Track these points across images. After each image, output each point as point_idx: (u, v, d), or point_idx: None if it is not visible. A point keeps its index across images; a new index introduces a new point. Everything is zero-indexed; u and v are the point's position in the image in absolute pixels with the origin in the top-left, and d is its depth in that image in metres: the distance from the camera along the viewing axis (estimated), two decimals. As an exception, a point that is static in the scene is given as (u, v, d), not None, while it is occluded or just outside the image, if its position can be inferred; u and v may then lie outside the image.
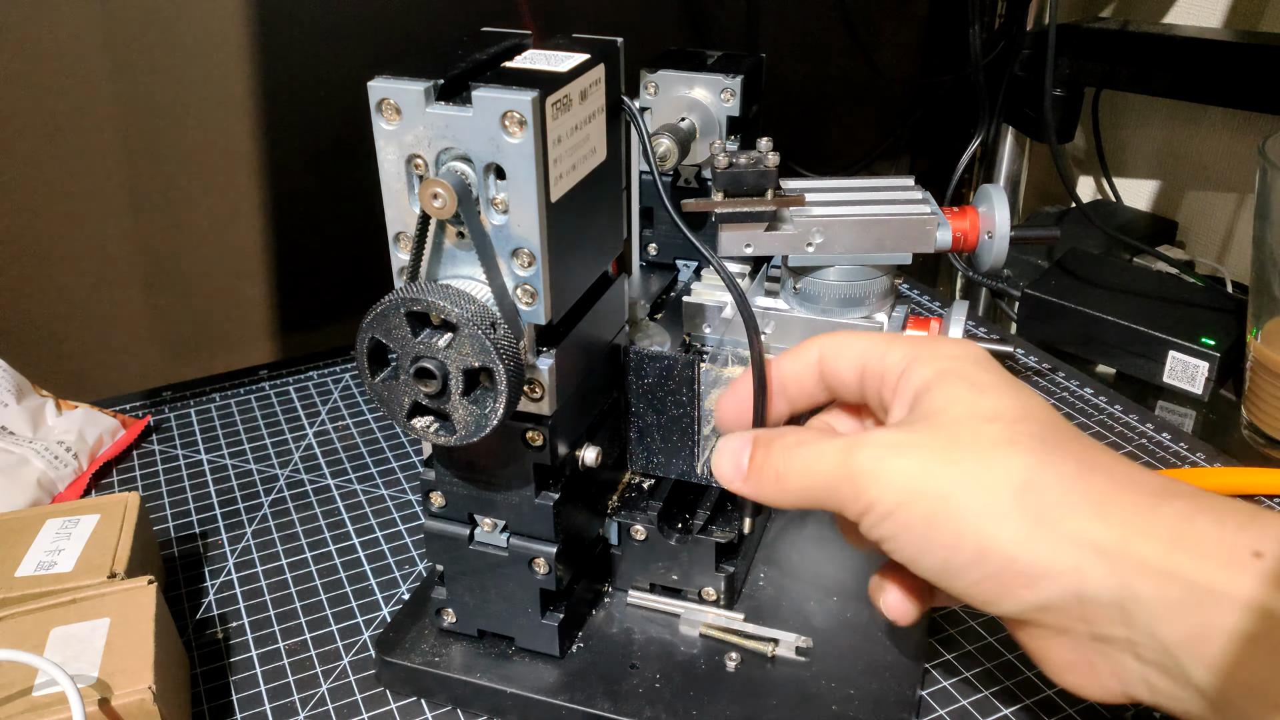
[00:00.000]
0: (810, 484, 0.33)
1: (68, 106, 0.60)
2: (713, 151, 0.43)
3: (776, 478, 0.34)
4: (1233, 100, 0.75)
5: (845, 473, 0.32)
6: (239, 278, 0.69)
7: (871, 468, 0.31)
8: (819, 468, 0.33)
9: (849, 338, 0.36)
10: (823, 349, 0.36)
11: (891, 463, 0.31)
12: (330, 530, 0.51)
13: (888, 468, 0.31)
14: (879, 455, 0.31)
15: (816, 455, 0.33)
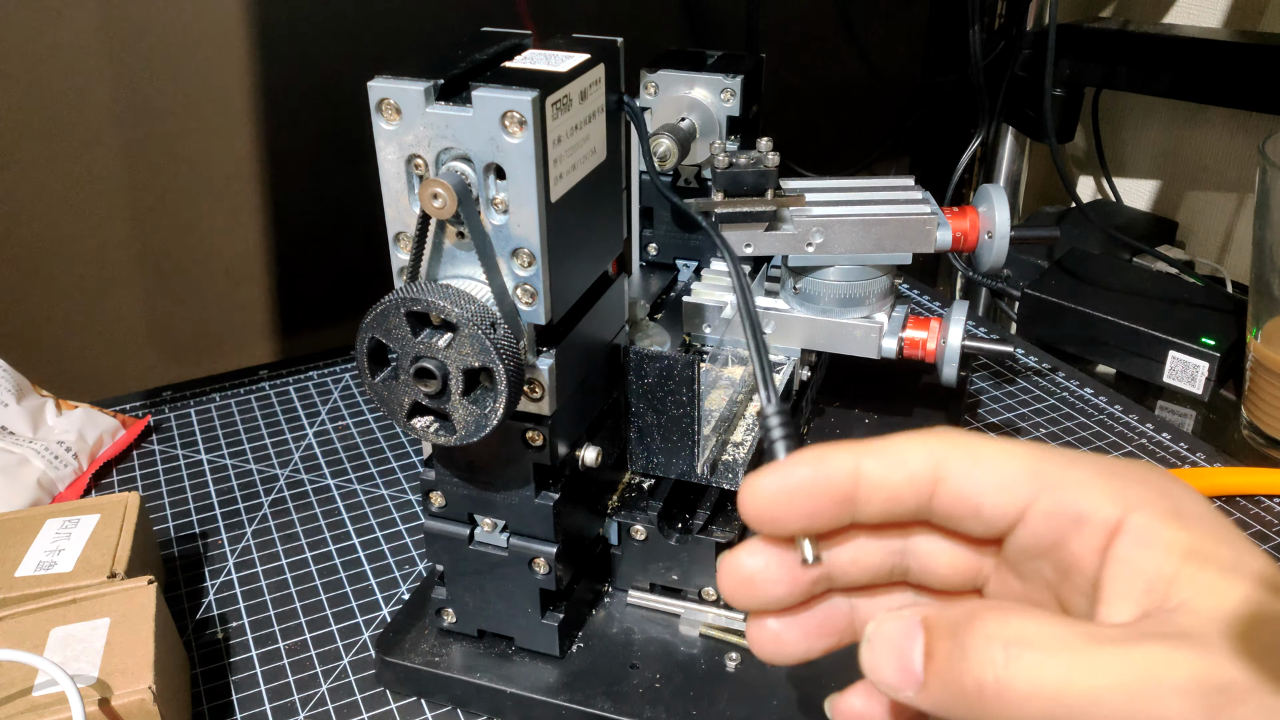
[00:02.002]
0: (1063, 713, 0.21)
1: (68, 108, 0.60)
2: (713, 151, 0.43)
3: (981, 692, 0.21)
4: (1233, 100, 0.75)
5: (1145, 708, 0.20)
6: (239, 278, 0.69)
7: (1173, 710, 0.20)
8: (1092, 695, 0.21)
9: (992, 448, 0.24)
10: (944, 461, 0.24)
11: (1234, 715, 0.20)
12: (330, 530, 0.51)
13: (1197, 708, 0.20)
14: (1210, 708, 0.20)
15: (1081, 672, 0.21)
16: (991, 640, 0.22)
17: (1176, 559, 0.22)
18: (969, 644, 0.22)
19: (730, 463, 0.43)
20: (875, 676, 0.24)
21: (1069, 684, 0.21)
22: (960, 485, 0.24)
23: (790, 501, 0.25)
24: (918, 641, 0.23)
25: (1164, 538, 0.23)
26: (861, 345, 0.47)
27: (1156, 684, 0.20)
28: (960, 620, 0.23)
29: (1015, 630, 0.22)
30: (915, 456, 0.25)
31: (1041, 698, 0.21)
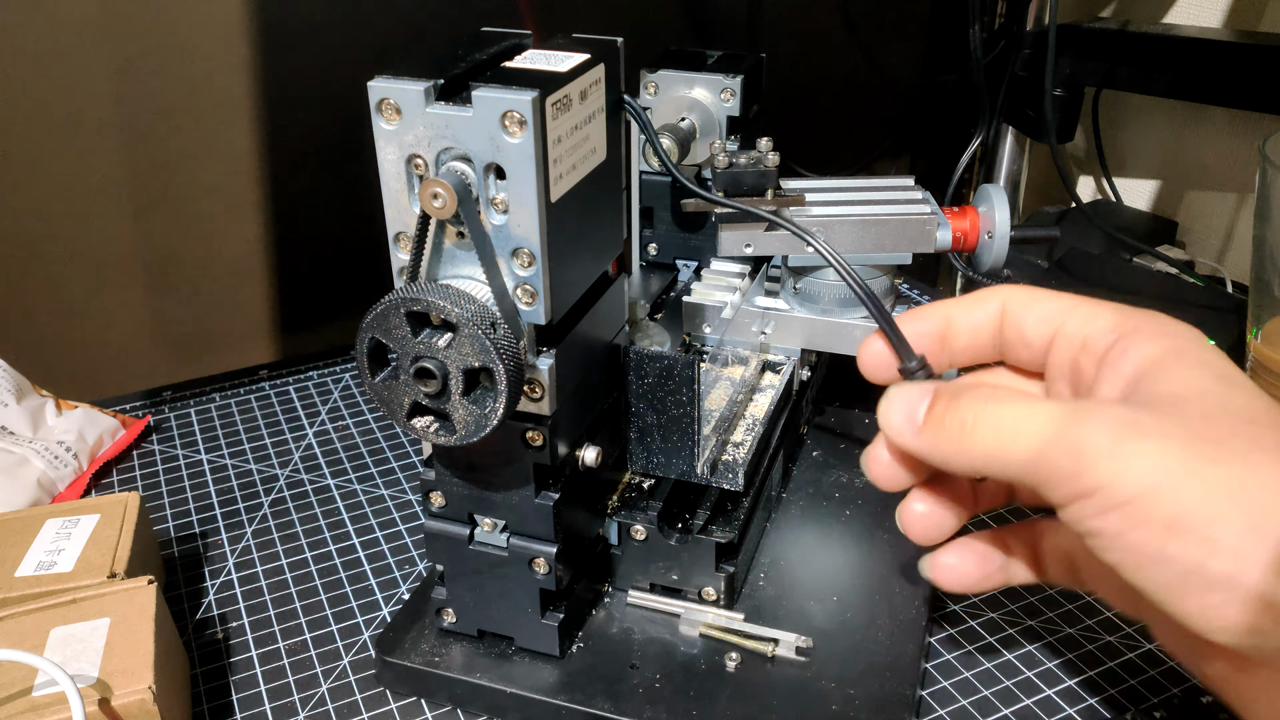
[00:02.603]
0: (1007, 445, 0.27)
1: (68, 106, 0.60)
2: (713, 151, 0.43)
3: (962, 429, 0.28)
4: (1233, 100, 0.75)
5: (1066, 443, 0.26)
6: (239, 278, 0.69)
7: (1104, 444, 0.26)
8: (1025, 428, 0.27)
9: (1041, 292, 0.32)
10: (1008, 300, 0.32)
11: (1134, 444, 0.25)
12: (330, 530, 0.51)
13: (1129, 449, 0.25)
14: (1116, 431, 0.26)
15: (1024, 413, 0.27)
16: (977, 395, 0.29)
17: (1151, 360, 0.28)
18: (962, 398, 0.29)
19: (730, 463, 0.43)
20: (886, 423, 0.31)
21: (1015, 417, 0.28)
22: (1016, 318, 0.32)
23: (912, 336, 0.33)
24: (925, 400, 0.30)
25: (1145, 350, 0.28)
26: (861, 345, 0.47)
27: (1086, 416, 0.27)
28: (961, 388, 0.30)
29: (989, 393, 0.29)
30: (990, 299, 0.33)
31: (997, 430, 0.28)
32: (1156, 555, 0.25)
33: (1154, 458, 0.25)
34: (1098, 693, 0.41)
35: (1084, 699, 0.41)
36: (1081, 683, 0.41)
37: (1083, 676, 0.42)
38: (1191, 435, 0.26)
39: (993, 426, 0.28)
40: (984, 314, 0.33)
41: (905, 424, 0.31)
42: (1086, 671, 0.42)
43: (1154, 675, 0.42)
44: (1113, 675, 0.42)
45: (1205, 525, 0.25)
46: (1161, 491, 0.25)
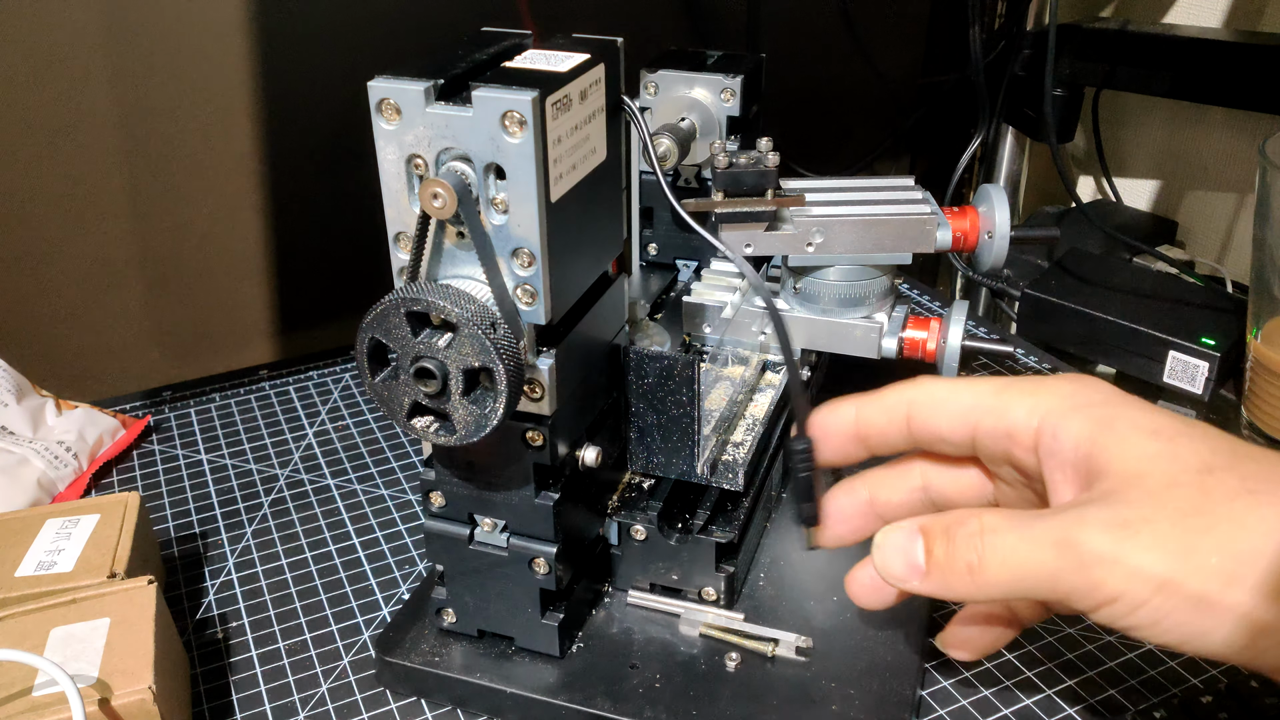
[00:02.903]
0: (1020, 576, 0.29)
1: (68, 107, 0.60)
2: (713, 151, 0.43)
3: (970, 571, 0.29)
4: (1233, 100, 0.75)
5: (1074, 563, 0.28)
6: (239, 278, 0.69)
7: (1109, 554, 0.27)
8: (1033, 558, 0.29)
9: (945, 389, 0.33)
10: (913, 403, 0.33)
11: (1133, 544, 0.27)
12: (330, 530, 0.51)
13: (1130, 553, 0.27)
14: (1114, 540, 0.27)
15: (1026, 543, 0.29)
16: (971, 534, 0.29)
17: (1087, 439, 0.29)
18: (957, 538, 0.30)
19: (730, 463, 0.43)
20: (887, 573, 0.32)
21: (1018, 549, 0.29)
22: (924, 422, 0.33)
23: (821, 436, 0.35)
24: (918, 544, 0.31)
25: (1073, 433, 0.30)
26: (861, 345, 0.47)
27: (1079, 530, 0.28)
28: (950, 523, 0.30)
29: (987, 523, 0.30)
30: (892, 402, 0.34)
31: (1006, 565, 0.29)
32: (1193, 633, 0.27)
33: (1156, 550, 0.27)
34: (1098, 693, 0.41)
35: (1084, 699, 0.41)
36: (1081, 683, 0.41)
37: (1083, 676, 0.42)
38: (1174, 511, 0.28)
39: (1000, 563, 0.29)
40: (886, 416, 0.34)
41: (908, 571, 0.31)
42: (1086, 671, 0.42)
43: (1154, 675, 0.42)
44: (1113, 675, 0.42)
45: (1224, 596, 0.27)
46: (1176, 581, 0.27)
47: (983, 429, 0.32)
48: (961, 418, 0.32)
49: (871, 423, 0.34)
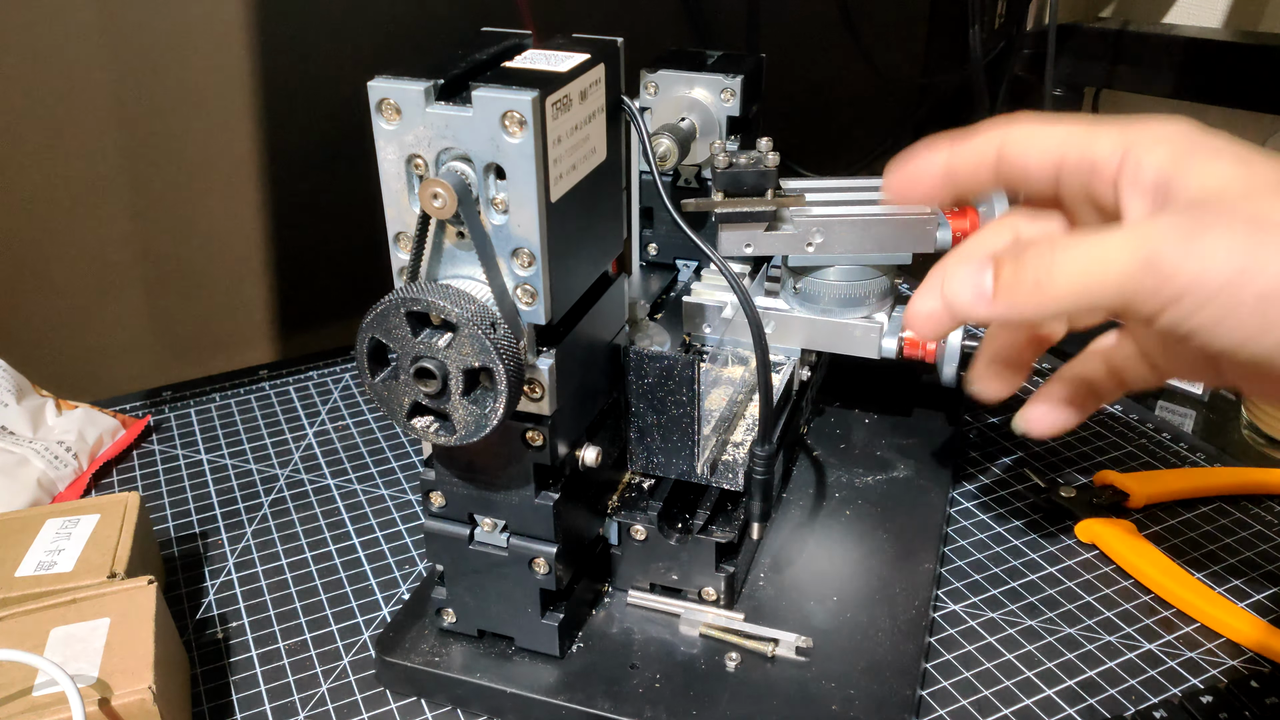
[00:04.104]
0: (1091, 283, 0.29)
1: (68, 107, 0.60)
2: (713, 151, 0.43)
3: (1038, 286, 0.29)
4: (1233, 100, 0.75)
5: (1144, 260, 0.28)
6: (239, 278, 0.69)
7: (1179, 249, 0.27)
8: (1104, 261, 0.28)
9: (1038, 126, 0.33)
10: (1006, 140, 0.33)
11: (1205, 239, 0.27)
12: (330, 530, 0.51)
13: (1202, 247, 0.27)
14: (1184, 237, 0.27)
15: (1096, 248, 0.29)
16: (1041, 249, 0.29)
17: (1169, 163, 0.29)
18: (1026, 258, 0.30)
19: (730, 463, 0.43)
20: (954, 301, 0.31)
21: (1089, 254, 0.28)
22: (1015, 157, 0.33)
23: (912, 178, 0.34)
24: (988, 271, 0.30)
25: (1155, 159, 0.30)
26: (861, 345, 0.47)
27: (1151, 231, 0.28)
28: (1020, 248, 0.30)
29: (1058, 239, 0.29)
30: (985, 139, 0.33)
31: (1074, 272, 0.29)
32: (1260, 328, 0.27)
33: (1226, 246, 0.27)
34: (1098, 693, 0.41)
35: (1084, 699, 0.41)
36: (1081, 683, 0.41)
37: (1083, 676, 0.42)
38: (1248, 216, 0.27)
39: (1068, 272, 0.29)
40: (978, 154, 0.33)
41: (976, 297, 0.31)
42: (1086, 671, 0.42)
43: (1154, 675, 0.42)
44: (1113, 675, 0.42)
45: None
46: (1247, 271, 0.27)
47: (1069, 162, 0.32)
48: (1050, 151, 0.32)
49: (963, 159, 0.34)
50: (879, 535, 0.47)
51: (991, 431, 0.58)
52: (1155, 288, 0.28)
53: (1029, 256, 0.30)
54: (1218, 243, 0.27)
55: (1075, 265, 0.29)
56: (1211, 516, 0.51)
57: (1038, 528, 0.50)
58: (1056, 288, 0.29)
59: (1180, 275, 0.27)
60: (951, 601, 0.46)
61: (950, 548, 0.49)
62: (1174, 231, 0.28)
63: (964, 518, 0.51)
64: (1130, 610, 0.45)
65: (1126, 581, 0.47)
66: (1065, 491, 0.52)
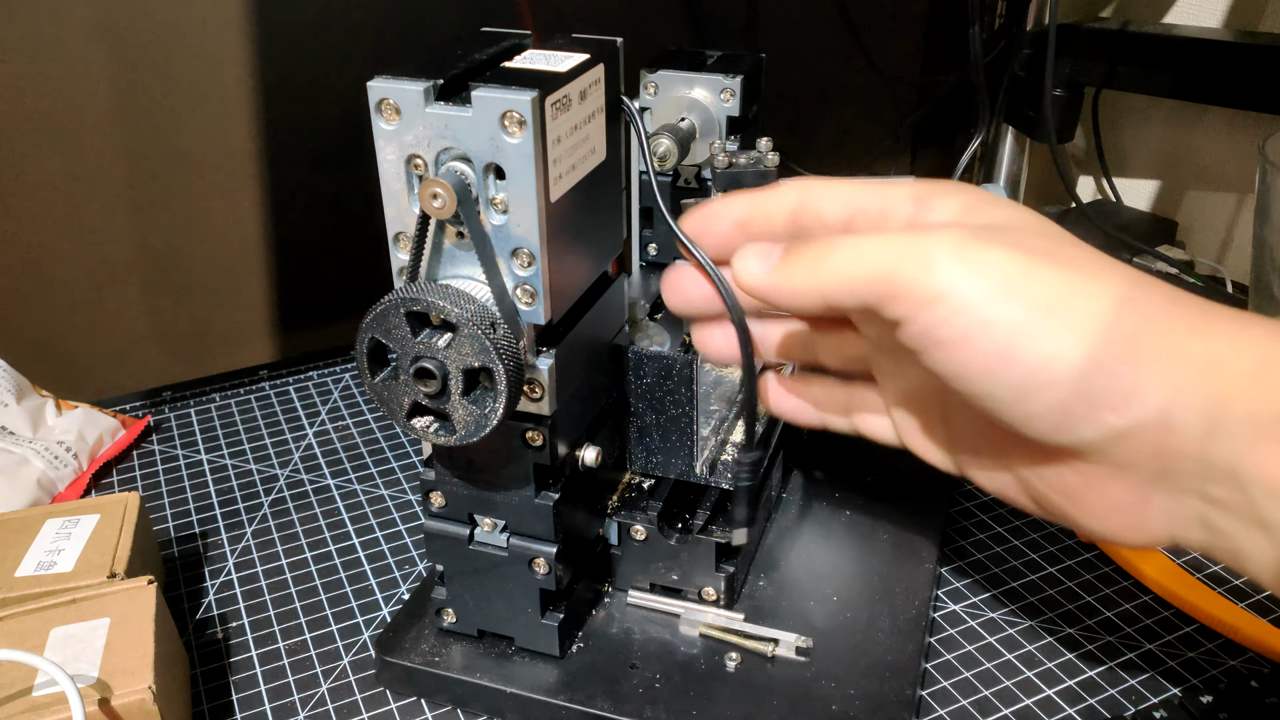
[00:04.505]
0: (860, 267, 0.29)
1: (68, 106, 0.60)
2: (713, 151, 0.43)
3: (815, 260, 0.30)
4: (1233, 100, 0.75)
5: (914, 254, 0.27)
6: (239, 278, 0.69)
7: (950, 251, 0.27)
8: (875, 248, 0.28)
9: (834, 182, 0.33)
10: (803, 193, 0.33)
11: (978, 250, 0.27)
12: (330, 530, 0.51)
13: (974, 255, 0.27)
14: (961, 241, 0.27)
15: (872, 239, 0.29)
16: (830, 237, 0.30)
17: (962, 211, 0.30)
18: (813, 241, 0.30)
19: (730, 463, 0.43)
20: (740, 269, 0.32)
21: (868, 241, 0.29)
22: (813, 205, 0.33)
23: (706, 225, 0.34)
24: (779, 249, 0.31)
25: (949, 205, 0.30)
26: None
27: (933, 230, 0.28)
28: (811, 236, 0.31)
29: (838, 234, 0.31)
30: (787, 191, 0.33)
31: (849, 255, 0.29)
32: (1001, 361, 0.27)
33: (997, 263, 0.27)
34: (1098, 693, 0.41)
35: (1084, 699, 0.41)
36: (1081, 683, 0.41)
37: (1083, 676, 0.42)
38: (1029, 247, 0.27)
39: (842, 256, 0.29)
40: (775, 204, 0.33)
41: (759, 265, 0.31)
42: (1086, 671, 0.42)
43: (1154, 675, 0.42)
44: (1113, 675, 0.42)
45: (1049, 325, 0.26)
46: (1007, 293, 0.27)
47: (864, 211, 0.32)
48: (844, 205, 0.32)
49: (760, 209, 0.34)
50: (879, 535, 0.47)
51: (991, 431, 0.58)
52: (914, 281, 0.27)
53: (816, 240, 0.31)
54: (989, 257, 0.27)
55: (854, 247, 0.29)
56: (1211, 516, 0.51)
57: (1038, 528, 0.50)
58: (831, 262, 0.29)
59: (942, 274, 0.27)
60: (951, 601, 0.46)
61: (950, 548, 0.49)
62: (953, 236, 0.28)
63: (964, 518, 0.51)
64: (1130, 610, 0.45)
65: (1126, 581, 0.47)
66: (1065, 491, 0.52)
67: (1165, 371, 0.26)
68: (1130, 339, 0.26)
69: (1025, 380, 0.27)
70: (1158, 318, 0.27)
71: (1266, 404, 0.25)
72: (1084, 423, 0.27)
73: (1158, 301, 0.27)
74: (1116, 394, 0.26)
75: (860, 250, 0.29)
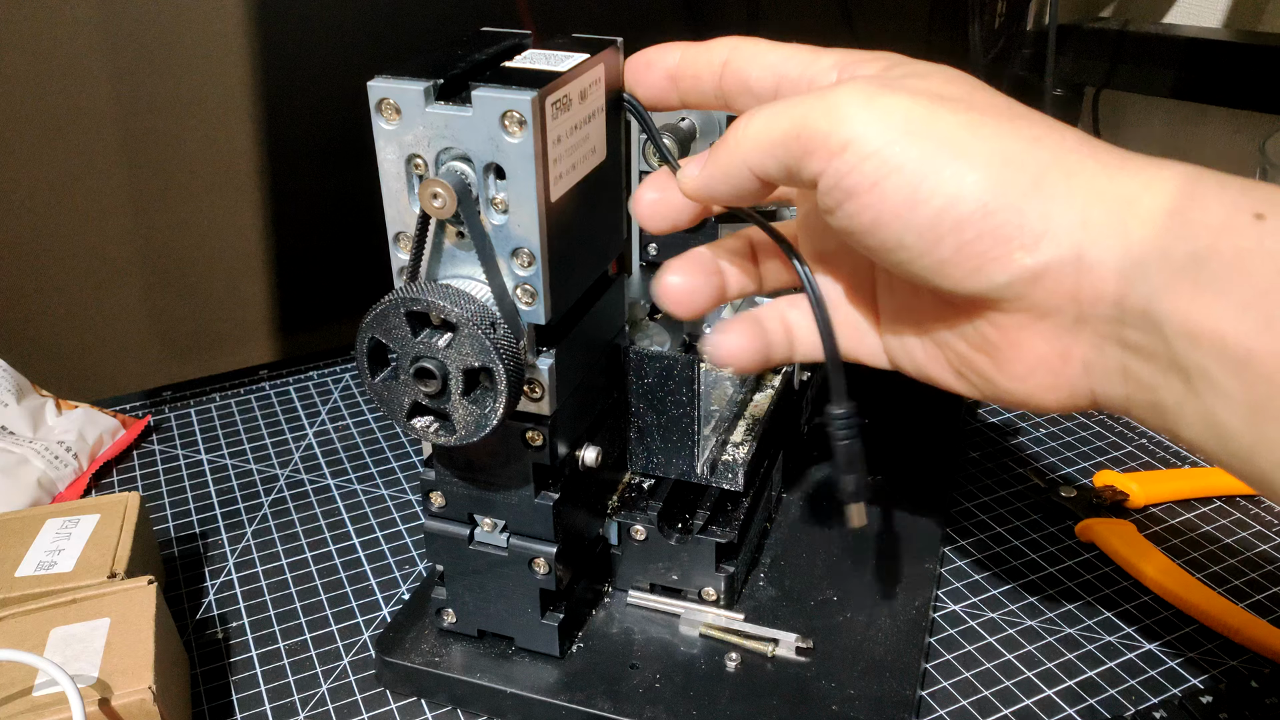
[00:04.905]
0: (774, 126, 0.29)
1: (68, 106, 0.60)
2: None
3: (735, 136, 0.30)
4: (1233, 100, 0.75)
5: (822, 103, 0.28)
6: (239, 278, 0.69)
7: (858, 100, 0.27)
8: (787, 107, 0.29)
9: (763, 46, 0.33)
10: (733, 52, 0.33)
11: (886, 98, 0.27)
12: (330, 530, 0.51)
13: (881, 103, 0.27)
14: (869, 90, 0.28)
15: (788, 102, 0.29)
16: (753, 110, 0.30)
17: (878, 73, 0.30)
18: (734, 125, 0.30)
19: (730, 463, 0.43)
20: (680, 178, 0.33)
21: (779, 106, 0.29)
22: (741, 69, 0.33)
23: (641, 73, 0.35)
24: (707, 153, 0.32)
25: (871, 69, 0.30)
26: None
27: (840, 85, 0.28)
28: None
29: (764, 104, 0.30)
30: (717, 47, 0.33)
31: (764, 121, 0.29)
32: (908, 205, 0.27)
33: (904, 108, 0.27)
34: (1098, 693, 0.41)
35: (1084, 699, 0.41)
36: (1081, 683, 0.41)
37: (1083, 676, 0.42)
38: (939, 94, 0.28)
39: (758, 121, 0.29)
40: (704, 61, 0.33)
41: (694, 169, 0.32)
42: (1086, 671, 0.42)
43: (1154, 675, 0.42)
44: (1113, 675, 0.42)
45: (954, 163, 0.26)
46: (912, 135, 0.27)
47: (789, 79, 0.32)
48: (773, 66, 0.32)
49: (690, 63, 0.34)
50: (879, 535, 0.47)
51: (991, 431, 0.58)
52: (826, 132, 0.27)
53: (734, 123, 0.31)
54: (896, 104, 0.27)
55: (766, 112, 0.29)
56: (1211, 516, 0.51)
57: (1038, 528, 0.50)
58: (746, 136, 0.30)
59: (851, 122, 0.27)
60: (951, 601, 0.46)
61: (950, 548, 0.49)
62: (861, 86, 0.28)
63: (964, 518, 0.51)
64: (1130, 610, 0.45)
65: (1126, 581, 0.47)
66: (1065, 491, 0.52)
67: (1077, 209, 0.26)
68: (1039, 175, 0.26)
69: (934, 222, 0.27)
70: (1069, 156, 0.26)
71: (1181, 243, 0.24)
72: (996, 264, 0.26)
73: (1071, 142, 0.27)
74: (1027, 232, 0.26)
75: (774, 111, 0.29)
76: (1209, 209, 0.24)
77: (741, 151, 0.30)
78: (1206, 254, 0.24)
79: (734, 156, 0.30)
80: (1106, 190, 0.26)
